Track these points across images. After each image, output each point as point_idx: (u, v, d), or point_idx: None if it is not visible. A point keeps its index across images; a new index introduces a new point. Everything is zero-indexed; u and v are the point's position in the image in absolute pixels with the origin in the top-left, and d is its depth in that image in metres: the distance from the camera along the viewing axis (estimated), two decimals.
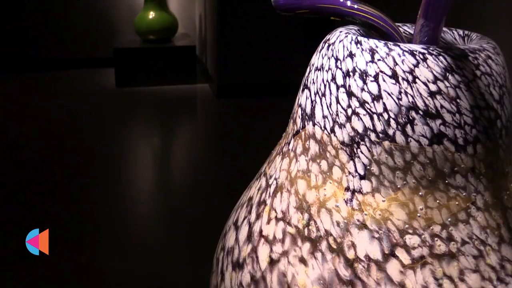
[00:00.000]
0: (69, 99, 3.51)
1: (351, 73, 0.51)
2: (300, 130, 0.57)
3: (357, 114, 0.51)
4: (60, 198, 2.17)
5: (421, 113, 0.49)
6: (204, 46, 4.14)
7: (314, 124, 0.54)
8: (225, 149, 2.85)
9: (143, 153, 2.80)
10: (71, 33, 4.25)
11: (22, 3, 4.13)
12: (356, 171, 0.51)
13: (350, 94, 0.51)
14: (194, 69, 3.92)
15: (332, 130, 0.52)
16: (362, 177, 0.51)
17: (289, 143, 0.59)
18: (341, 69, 0.52)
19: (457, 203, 0.49)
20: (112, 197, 2.20)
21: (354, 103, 0.51)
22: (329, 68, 0.54)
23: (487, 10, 1.50)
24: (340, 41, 0.54)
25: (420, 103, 0.49)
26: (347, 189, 0.51)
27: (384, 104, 0.49)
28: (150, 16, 3.85)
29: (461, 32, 0.63)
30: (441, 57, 0.49)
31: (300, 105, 0.58)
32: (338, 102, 0.52)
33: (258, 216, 0.57)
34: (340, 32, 0.56)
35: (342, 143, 0.52)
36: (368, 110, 0.50)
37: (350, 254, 0.50)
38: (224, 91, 3.56)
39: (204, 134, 3.16)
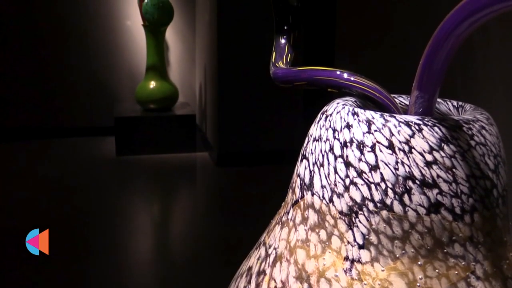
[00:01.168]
0: (69, 167, 3.52)
1: (348, 144, 0.52)
2: (299, 200, 0.57)
3: (355, 184, 0.51)
4: (57, 265, 2.14)
5: (418, 182, 0.49)
6: (204, 115, 4.19)
7: (312, 194, 0.55)
8: (224, 217, 2.83)
9: (142, 221, 2.79)
10: (72, 102, 4.31)
11: (24, 71, 4.20)
12: (355, 240, 0.51)
13: (348, 164, 0.52)
14: (194, 138, 3.95)
15: (331, 200, 0.53)
16: (361, 247, 0.51)
17: (288, 213, 0.59)
18: (338, 139, 0.53)
19: (456, 272, 0.49)
20: (111, 266, 2.18)
21: (352, 173, 0.52)
22: (327, 139, 0.55)
23: (480, 81, 1.53)
24: (337, 113, 0.55)
25: (416, 173, 0.49)
26: (346, 258, 0.51)
27: (381, 174, 0.50)
28: (151, 86, 3.92)
29: (455, 103, 0.64)
30: (436, 128, 0.50)
31: (299, 175, 0.58)
32: (336, 172, 0.53)
33: (258, 286, 0.57)
34: (338, 103, 0.57)
35: (341, 212, 0.52)
36: (366, 180, 0.51)
37: None
38: (224, 160, 3.57)
39: (204, 203, 3.16)
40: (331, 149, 0.54)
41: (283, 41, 0.71)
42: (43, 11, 4.20)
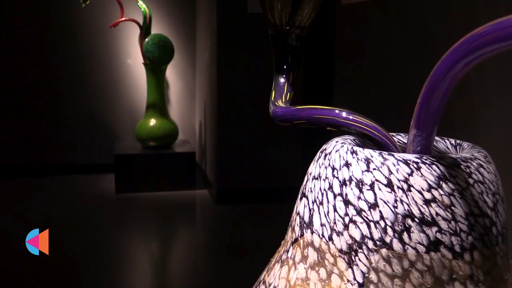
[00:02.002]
0: (69, 204, 3.51)
1: (347, 182, 0.53)
2: (299, 238, 0.57)
3: (355, 222, 0.51)
4: None
5: (417, 220, 0.49)
6: (204, 152, 4.20)
7: (312, 232, 0.55)
8: (224, 255, 2.81)
9: (142, 259, 2.77)
10: (72, 139, 4.32)
11: (24, 109, 4.23)
12: (354, 279, 0.51)
13: (347, 202, 0.52)
14: (193, 175, 3.95)
15: (330, 238, 0.53)
16: (361, 285, 0.51)
17: (288, 251, 0.59)
18: (337, 178, 0.54)
19: None
20: None
21: (351, 211, 0.52)
22: (326, 177, 0.55)
23: (478, 120, 1.54)
24: (336, 151, 0.56)
25: (415, 211, 0.50)
26: None
27: (380, 212, 0.50)
28: (151, 123, 3.93)
29: (453, 141, 0.65)
30: (434, 166, 0.51)
31: (298, 213, 0.58)
32: (335, 210, 0.53)
33: None
34: (336, 142, 0.58)
35: (340, 250, 0.52)
36: (365, 218, 0.51)
37: None
38: (223, 197, 3.57)
39: (203, 241, 3.14)
40: (330, 187, 0.54)
41: (282, 80, 0.72)
42: (45, 47, 4.24)
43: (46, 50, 4.25)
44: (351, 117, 0.59)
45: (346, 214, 0.52)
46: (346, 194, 0.53)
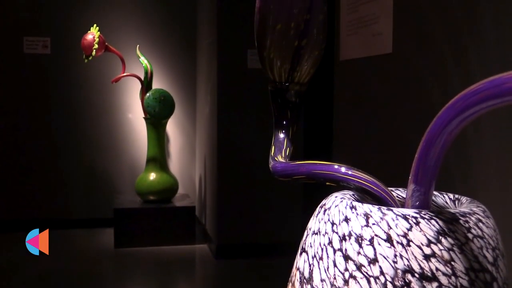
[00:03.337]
0: (67, 259, 3.48)
1: (347, 237, 0.53)
2: None
3: (354, 278, 0.51)
4: None
5: (417, 276, 0.49)
6: (203, 206, 4.18)
7: (312, 287, 0.55)
8: None
9: None
10: (72, 193, 4.31)
11: (24, 162, 4.23)
12: None
13: (346, 257, 0.52)
14: (193, 230, 3.92)
15: None
16: None
17: None
18: (337, 233, 0.54)
19: None
20: None
21: (351, 266, 0.52)
22: (325, 232, 0.55)
23: (476, 174, 1.54)
24: (335, 206, 0.56)
25: (415, 266, 0.50)
26: None
27: (380, 267, 0.50)
28: (151, 177, 3.93)
29: (451, 195, 0.65)
30: (433, 221, 0.51)
31: (298, 269, 0.58)
32: (335, 265, 0.53)
33: None
34: (336, 197, 0.58)
35: None
36: (365, 273, 0.51)
37: None
38: (223, 252, 3.54)
39: None
40: (330, 242, 0.54)
41: (282, 135, 0.72)
42: (47, 101, 4.29)
43: (47, 104, 4.29)
44: (350, 172, 0.60)
45: (346, 269, 0.52)
46: (345, 249, 0.53)
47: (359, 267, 0.51)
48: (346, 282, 0.52)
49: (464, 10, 1.61)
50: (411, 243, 0.50)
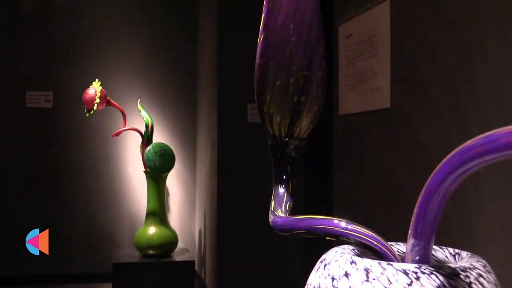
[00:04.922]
0: None
1: None
2: None
3: None
4: None
5: None
6: (203, 261, 4.14)
7: None
8: None
9: None
10: (70, 248, 4.28)
11: (21, 216, 4.21)
12: None
13: None
14: (192, 285, 3.87)
15: None
16: None
17: None
18: None
19: None
20: None
21: None
22: (326, 287, 0.55)
23: (476, 228, 1.54)
24: (335, 261, 0.56)
25: None
26: None
27: None
28: (151, 232, 3.90)
29: (451, 250, 0.65)
30: (433, 276, 0.51)
31: None
32: None
33: None
34: (336, 251, 0.58)
35: None
36: None
37: None
38: None
39: None
40: None
41: (281, 190, 0.72)
42: (46, 154, 4.30)
43: (47, 156, 4.31)
44: (349, 227, 0.60)
45: None
46: None
47: None
48: None
49: (460, 66, 1.64)
50: None
